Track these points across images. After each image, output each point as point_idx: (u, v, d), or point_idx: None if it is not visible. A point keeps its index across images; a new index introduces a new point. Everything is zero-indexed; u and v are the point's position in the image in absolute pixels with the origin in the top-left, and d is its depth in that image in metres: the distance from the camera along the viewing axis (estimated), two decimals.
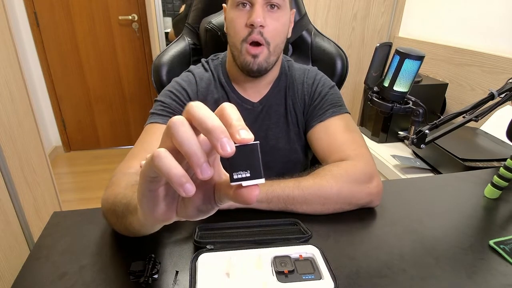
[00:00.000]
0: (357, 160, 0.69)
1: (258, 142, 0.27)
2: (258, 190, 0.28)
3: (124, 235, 0.56)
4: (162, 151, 0.27)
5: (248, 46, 0.72)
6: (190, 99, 0.79)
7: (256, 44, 0.72)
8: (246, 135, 0.26)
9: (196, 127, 0.27)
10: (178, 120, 0.27)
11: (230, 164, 0.27)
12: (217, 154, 0.29)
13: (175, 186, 0.27)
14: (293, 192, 0.63)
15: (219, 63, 0.85)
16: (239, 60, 0.75)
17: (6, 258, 1.02)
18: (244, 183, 0.27)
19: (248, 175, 0.27)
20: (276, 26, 0.73)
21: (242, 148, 0.27)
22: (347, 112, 0.81)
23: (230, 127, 0.26)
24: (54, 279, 0.50)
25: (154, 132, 0.73)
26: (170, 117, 0.81)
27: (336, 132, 0.76)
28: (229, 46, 0.78)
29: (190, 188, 0.27)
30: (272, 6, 0.72)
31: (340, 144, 0.74)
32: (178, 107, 0.77)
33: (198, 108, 0.27)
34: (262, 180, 0.27)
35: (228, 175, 0.29)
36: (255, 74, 0.76)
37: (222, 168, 0.33)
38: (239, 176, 0.27)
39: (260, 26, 0.70)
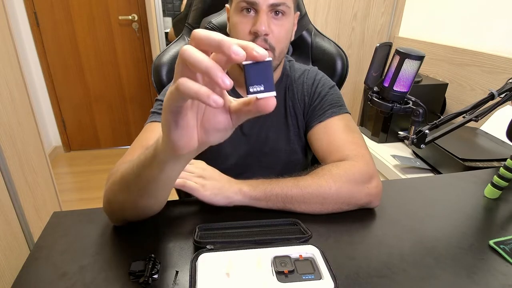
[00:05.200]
0: (356, 160, 0.69)
1: (270, 59, 0.31)
2: (274, 100, 0.32)
3: (137, 214, 0.58)
4: (183, 78, 0.31)
5: None
6: None
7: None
8: (263, 51, 0.30)
9: (205, 48, 0.31)
10: (187, 46, 0.31)
11: (246, 78, 0.31)
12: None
13: (204, 100, 0.30)
14: (291, 191, 0.63)
15: None
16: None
17: (6, 258, 1.02)
18: (259, 95, 0.32)
19: (262, 88, 0.31)
20: (280, 33, 0.72)
21: (256, 65, 0.31)
22: (347, 112, 0.81)
23: (246, 46, 0.30)
24: (54, 279, 0.50)
25: (153, 130, 0.73)
26: None
27: (336, 133, 0.76)
28: None
29: (218, 98, 0.30)
30: (276, 12, 0.71)
31: (339, 144, 0.74)
32: None
33: (200, 31, 0.31)
34: (274, 93, 0.32)
35: (238, 100, 0.36)
36: None
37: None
38: (255, 89, 0.31)
39: (265, 34, 0.70)
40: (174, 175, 0.49)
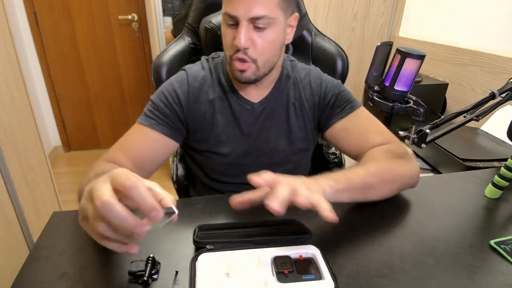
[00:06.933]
0: (396, 143, 0.73)
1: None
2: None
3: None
4: (102, 227, 0.43)
5: (236, 62, 0.72)
6: (180, 101, 0.79)
7: (243, 60, 0.71)
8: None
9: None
10: (108, 202, 0.39)
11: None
12: None
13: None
14: (367, 178, 0.63)
15: (220, 62, 0.84)
16: (230, 70, 0.78)
17: (6, 258, 1.02)
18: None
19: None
20: (264, 45, 0.71)
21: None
22: (361, 105, 0.82)
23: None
24: (54, 279, 0.50)
25: (135, 136, 0.79)
26: (155, 121, 0.89)
27: (363, 124, 0.79)
28: None
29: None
30: (258, 26, 0.69)
31: (371, 133, 0.76)
32: (165, 109, 0.78)
33: (127, 183, 0.40)
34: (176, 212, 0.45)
35: None
36: (245, 84, 0.77)
37: None
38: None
39: (244, 48, 0.69)
40: None
